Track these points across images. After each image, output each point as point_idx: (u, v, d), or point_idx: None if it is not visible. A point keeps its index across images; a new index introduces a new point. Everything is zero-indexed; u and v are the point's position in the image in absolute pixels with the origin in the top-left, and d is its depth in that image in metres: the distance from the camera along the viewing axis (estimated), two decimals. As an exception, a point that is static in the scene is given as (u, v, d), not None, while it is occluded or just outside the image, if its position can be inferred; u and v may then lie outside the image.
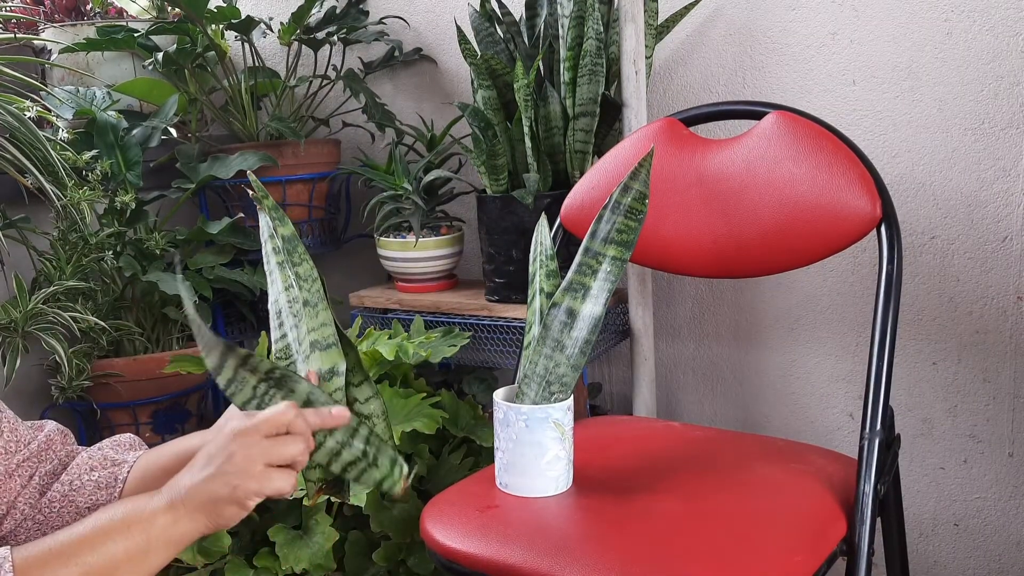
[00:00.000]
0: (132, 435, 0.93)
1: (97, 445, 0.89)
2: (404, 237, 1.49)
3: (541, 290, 0.97)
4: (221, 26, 1.59)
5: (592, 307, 0.95)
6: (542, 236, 0.99)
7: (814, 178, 1.04)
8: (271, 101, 1.69)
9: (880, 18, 1.29)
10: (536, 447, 0.93)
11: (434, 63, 1.68)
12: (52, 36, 1.63)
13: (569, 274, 0.94)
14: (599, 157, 1.24)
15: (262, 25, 1.64)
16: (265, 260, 0.84)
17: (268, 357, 0.87)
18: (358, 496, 1.18)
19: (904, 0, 1.27)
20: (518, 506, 0.93)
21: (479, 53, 1.38)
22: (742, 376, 1.50)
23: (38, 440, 0.85)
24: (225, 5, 1.54)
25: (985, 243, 1.28)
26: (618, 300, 1.43)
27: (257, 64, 1.65)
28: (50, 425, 0.88)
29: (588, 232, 0.96)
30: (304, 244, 0.85)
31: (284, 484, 0.72)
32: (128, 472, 0.86)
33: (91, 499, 0.85)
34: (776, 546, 0.84)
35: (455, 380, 1.59)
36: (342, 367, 0.81)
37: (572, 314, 0.92)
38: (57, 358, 1.30)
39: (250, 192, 0.81)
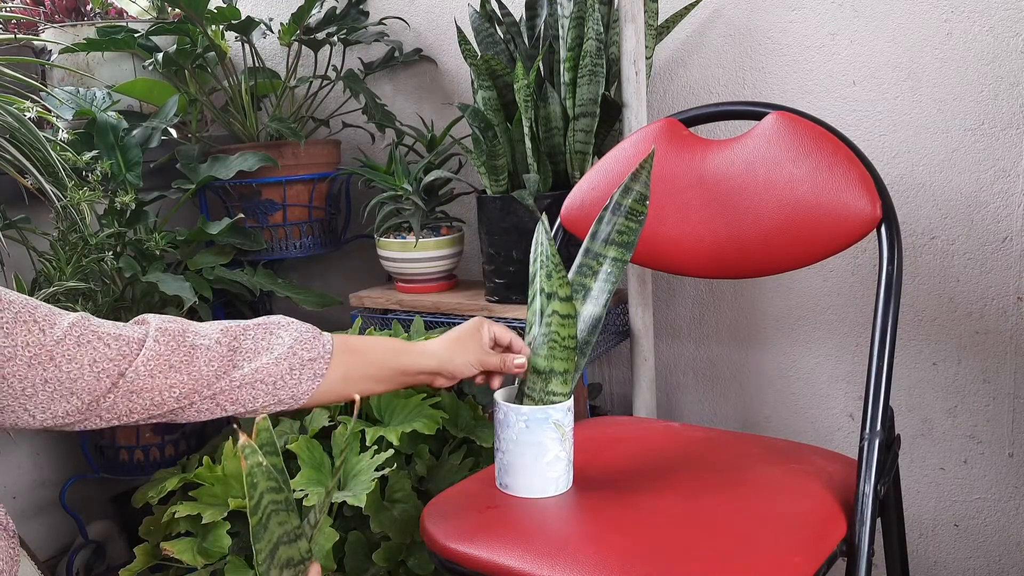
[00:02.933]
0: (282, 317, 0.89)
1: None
2: (404, 237, 1.49)
3: (541, 290, 0.97)
4: (221, 26, 1.59)
5: (592, 308, 0.95)
6: (542, 236, 1.00)
7: (814, 178, 1.04)
8: (271, 102, 1.69)
9: (880, 18, 1.29)
10: (536, 448, 0.93)
11: (434, 64, 1.68)
12: (52, 36, 1.63)
13: (569, 275, 0.94)
14: (599, 157, 1.24)
15: (262, 26, 1.64)
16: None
17: None
18: (357, 496, 1.18)
19: (904, 0, 1.27)
20: (518, 507, 0.93)
21: (479, 54, 1.38)
22: (742, 376, 1.50)
23: (152, 336, 0.80)
24: (225, 5, 1.54)
25: (985, 243, 1.28)
26: (618, 301, 1.43)
27: (257, 65, 1.65)
28: (153, 319, 0.83)
29: (588, 233, 0.96)
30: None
31: None
32: (323, 366, 0.85)
33: (293, 391, 0.84)
34: (776, 546, 0.84)
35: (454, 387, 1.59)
36: None
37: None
38: (57, 358, 1.30)
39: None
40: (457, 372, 0.93)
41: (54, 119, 1.48)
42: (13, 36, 1.63)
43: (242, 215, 1.60)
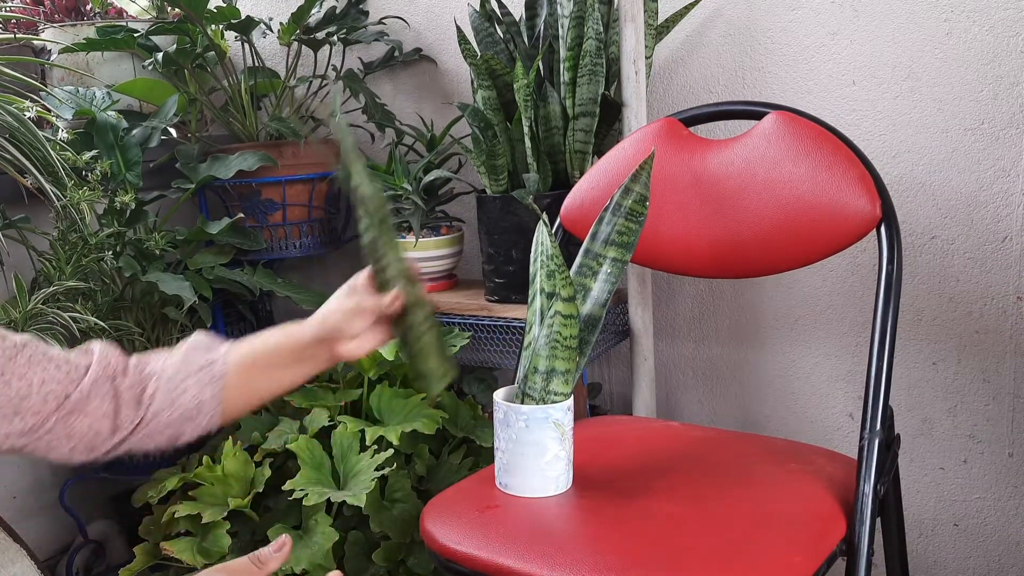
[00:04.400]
0: (202, 334, 0.91)
1: (175, 353, 0.88)
2: (404, 237, 1.49)
3: (541, 290, 0.97)
4: (221, 26, 1.59)
5: (592, 308, 0.95)
6: (542, 236, 1.00)
7: (814, 178, 1.04)
8: (271, 101, 1.69)
9: (880, 18, 1.29)
10: (536, 447, 0.93)
11: (434, 63, 1.68)
12: (52, 36, 1.63)
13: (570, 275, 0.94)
14: (599, 157, 1.24)
15: (262, 25, 1.64)
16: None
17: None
18: (357, 496, 1.18)
19: (904, 0, 1.27)
20: (518, 506, 0.93)
21: (479, 53, 1.38)
22: (742, 376, 1.50)
23: (96, 360, 0.82)
24: (225, 5, 1.54)
25: (985, 243, 1.28)
26: (618, 300, 1.43)
27: (257, 64, 1.65)
28: (96, 345, 0.85)
29: (588, 234, 0.96)
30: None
31: None
32: (222, 367, 0.86)
33: (197, 399, 0.84)
34: (776, 546, 0.84)
35: (455, 380, 1.59)
36: None
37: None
38: (57, 358, 1.30)
39: None
40: (338, 325, 0.90)
41: (54, 119, 1.48)
42: (13, 36, 1.63)
43: (242, 215, 1.60)
